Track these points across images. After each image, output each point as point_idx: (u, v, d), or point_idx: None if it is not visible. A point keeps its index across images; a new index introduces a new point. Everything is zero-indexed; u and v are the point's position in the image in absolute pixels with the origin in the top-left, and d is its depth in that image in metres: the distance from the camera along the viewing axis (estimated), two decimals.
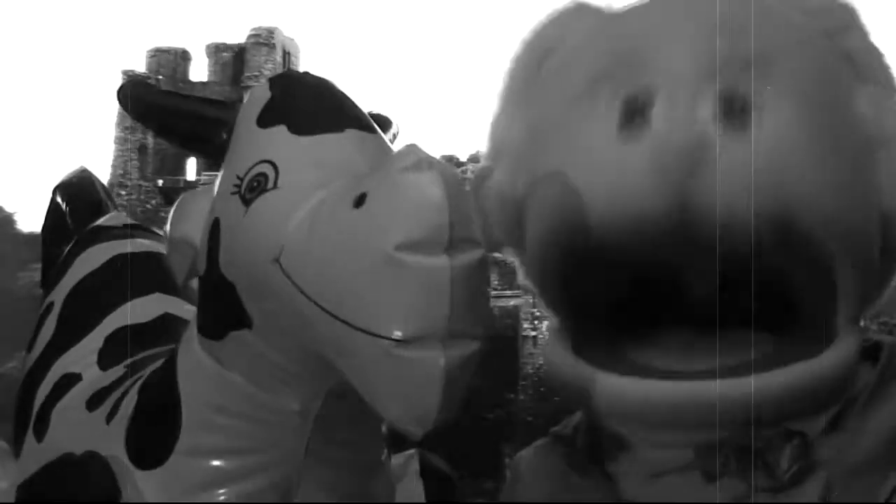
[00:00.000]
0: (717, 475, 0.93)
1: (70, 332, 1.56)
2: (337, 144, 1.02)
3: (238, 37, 37.62)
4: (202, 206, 1.11)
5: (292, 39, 37.99)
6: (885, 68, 1.04)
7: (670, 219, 0.89)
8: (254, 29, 36.67)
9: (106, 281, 1.63)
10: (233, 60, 37.05)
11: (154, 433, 1.15)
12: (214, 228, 1.06)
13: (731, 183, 0.88)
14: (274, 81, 1.13)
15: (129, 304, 1.56)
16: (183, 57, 37.64)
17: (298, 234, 0.94)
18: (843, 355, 0.94)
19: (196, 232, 1.11)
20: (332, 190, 0.95)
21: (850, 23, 1.04)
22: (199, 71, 38.05)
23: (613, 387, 0.95)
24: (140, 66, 36.26)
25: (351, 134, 1.04)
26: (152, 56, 36.92)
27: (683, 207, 0.89)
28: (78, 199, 1.88)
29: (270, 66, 35.55)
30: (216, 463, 1.10)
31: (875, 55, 1.04)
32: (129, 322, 1.52)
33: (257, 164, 1.03)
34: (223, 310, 1.05)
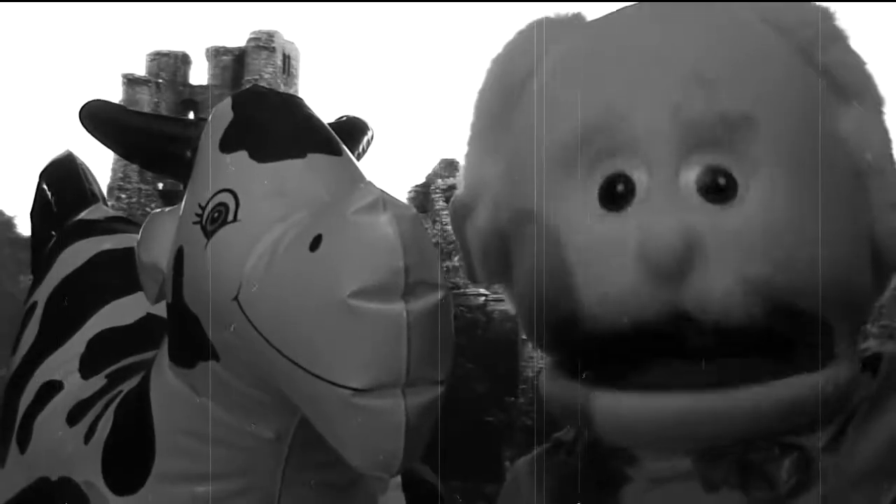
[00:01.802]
0: (717, 486, 0.92)
1: (53, 334, 1.54)
2: (298, 172, 1.00)
3: (238, 40, 37.62)
4: (169, 229, 1.09)
5: (292, 43, 37.93)
6: (866, 78, 1.00)
7: (663, 316, 0.88)
8: (254, 32, 36.59)
9: (89, 280, 1.61)
10: (233, 64, 36.97)
11: (129, 458, 1.14)
12: (179, 257, 1.04)
13: (722, 278, 0.86)
14: (236, 101, 1.10)
15: (111, 306, 1.55)
16: (183, 60, 37.56)
17: (256, 274, 0.92)
18: (841, 372, 0.93)
19: (163, 255, 1.09)
20: (290, 224, 0.93)
21: (829, 35, 0.98)
22: (199, 74, 38.04)
23: (612, 404, 0.93)
24: (140, 70, 36.25)
25: (313, 159, 1.02)
26: (152, 59, 36.84)
27: (676, 306, 0.88)
28: (62, 183, 1.86)
29: (271, 70, 35.51)
30: (192, 489, 1.08)
31: (856, 67, 0.99)
32: (111, 325, 1.51)
33: (218, 192, 1.01)
34: (190, 341, 1.04)
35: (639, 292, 0.88)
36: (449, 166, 33.43)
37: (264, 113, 1.07)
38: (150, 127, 1.17)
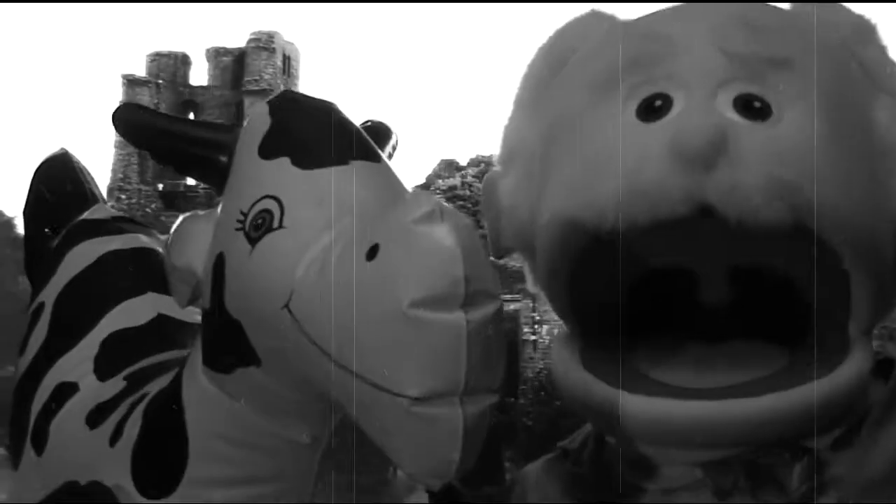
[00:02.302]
0: (729, 492, 0.91)
1: (63, 335, 1.53)
2: (343, 179, 1.00)
3: (238, 41, 37.65)
4: (203, 232, 1.09)
5: (292, 44, 37.97)
6: None
7: (688, 207, 0.87)
8: (254, 33, 36.63)
9: (98, 280, 1.60)
10: (233, 65, 37.02)
11: (161, 462, 1.14)
12: (219, 264, 1.04)
13: (749, 174, 0.86)
14: (274, 107, 1.10)
15: (123, 305, 1.53)
16: (183, 61, 37.60)
17: (308, 282, 0.92)
18: (856, 370, 0.92)
19: (197, 259, 1.09)
20: (340, 231, 0.93)
21: (868, 37, 1.04)
22: (199, 75, 38.08)
23: (639, 407, 0.93)
24: (140, 70, 36.28)
25: (356, 166, 1.02)
26: (152, 60, 36.88)
27: (701, 196, 0.87)
28: (58, 182, 1.85)
29: (271, 71, 35.56)
30: (225, 493, 1.08)
31: (892, 68, 1.03)
32: (123, 326, 1.50)
33: (261, 199, 1.01)
34: (230, 347, 1.04)
35: (666, 181, 0.88)
36: (449, 167, 33.43)
37: (303, 120, 1.07)
38: (185, 131, 1.17)
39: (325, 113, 1.08)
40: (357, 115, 1.36)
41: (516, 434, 19.00)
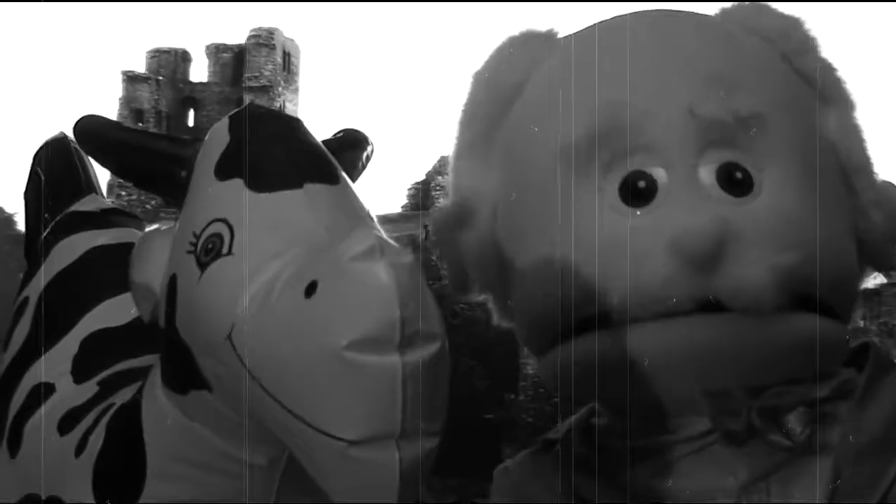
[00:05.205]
0: (741, 438, 0.92)
1: (45, 333, 1.51)
2: (295, 204, 0.97)
3: (238, 37, 37.64)
4: (162, 249, 1.07)
5: (292, 40, 37.96)
6: (839, 84, 1.05)
7: (695, 305, 0.90)
8: (254, 30, 36.63)
9: (82, 277, 1.58)
10: (233, 61, 37.03)
11: (120, 480, 1.13)
12: (172, 285, 1.02)
13: (755, 264, 0.88)
14: (234, 122, 1.07)
15: (104, 304, 1.51)
16: (183, 58, 37.60)
17: (249, 315, 0.90)
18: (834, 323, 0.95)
19: (155, 276, 1.07)
20: (285, 262, 0.91)
21: (805, 44, 1.04)
22: (199, 71, 38.06)
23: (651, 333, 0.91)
24: (140, 67, 36.27)
25: (310, 190, 0.98)
26: (152, 57, 36.88)
27: (708, 296, 0.89)
28: (54, 168, 1.82)
29: (271, 67, 35.58)
30: None
31: (830, 73, 1.04)
32: (104, 325, 1.48)
33: (213, 222, 0.98)
34: (182, 370, 1.02)
35: (672, 283, 0.89)
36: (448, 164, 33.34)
37: (261, 138, 1.03)
38: (144, 144, 1.13)
39: (284, 131, 1.04)
40: (356, 113, 1.35)
41: (516, 431, 19.02)
